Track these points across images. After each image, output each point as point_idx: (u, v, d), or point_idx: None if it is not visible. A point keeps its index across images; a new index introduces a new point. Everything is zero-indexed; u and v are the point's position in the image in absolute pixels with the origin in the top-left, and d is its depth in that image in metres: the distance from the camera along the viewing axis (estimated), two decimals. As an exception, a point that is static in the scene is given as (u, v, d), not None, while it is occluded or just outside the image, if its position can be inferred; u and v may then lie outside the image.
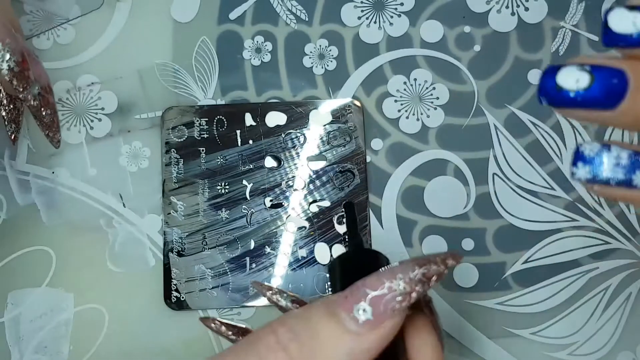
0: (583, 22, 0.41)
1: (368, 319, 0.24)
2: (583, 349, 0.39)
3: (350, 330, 0.24)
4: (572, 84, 0.21)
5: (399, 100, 0.41)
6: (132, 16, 0.42)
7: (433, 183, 0.40)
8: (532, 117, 0.40)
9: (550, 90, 0.22)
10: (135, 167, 0.40)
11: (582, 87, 0.21)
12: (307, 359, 0.24)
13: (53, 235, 0.40)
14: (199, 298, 0.39)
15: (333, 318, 0.25)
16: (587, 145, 0.22)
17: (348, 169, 0.40)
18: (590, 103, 0.21)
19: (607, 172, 0.22)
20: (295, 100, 0.41)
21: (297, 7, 0.42)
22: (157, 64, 0.41)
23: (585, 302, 0.39)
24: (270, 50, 0.41)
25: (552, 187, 0.40)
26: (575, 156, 0.22)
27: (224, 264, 0.39)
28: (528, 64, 0.41)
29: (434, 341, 0.27)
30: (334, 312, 0.25)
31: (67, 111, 0.41)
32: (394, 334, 0.25)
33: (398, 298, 0.24)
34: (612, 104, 0.21)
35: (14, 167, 0.40)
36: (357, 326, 0.24)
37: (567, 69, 0.22)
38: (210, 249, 0.39)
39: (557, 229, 0.40)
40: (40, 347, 0.38)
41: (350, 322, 0.24)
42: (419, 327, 0.27)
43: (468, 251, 0.40)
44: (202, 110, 0.40)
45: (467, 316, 0.39)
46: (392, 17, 0.41)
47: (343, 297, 0.25)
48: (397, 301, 0.24)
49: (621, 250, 0.39)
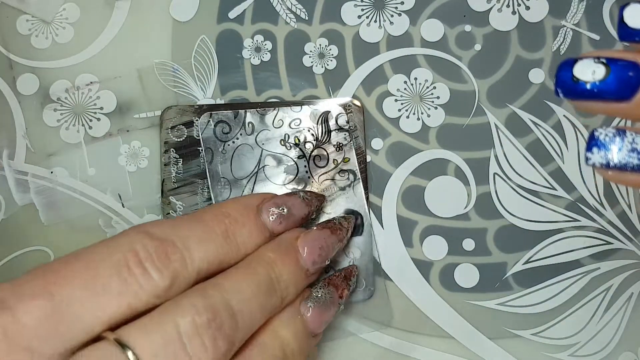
0: (584, 21, 0.41)
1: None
2: (584, 350, 0.39)
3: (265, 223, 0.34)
4: (588, 75, 0.22)
5: (400, 100, 0.41)
6: (131, 15, 0.42)
7: (433, 183, 0.40)
8: (533, 117, 0.40)
9: (567, 82, 0.22)
10: (134, 166, 0.40)
11: (598, 79, 0.22)
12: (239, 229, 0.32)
13: (52, 235, 0.40)
14: (198, 298, 0.38)
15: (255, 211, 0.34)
16: (602, 131, 0.22)
17: (348, 168, 0.40)
18: (606, 94, 0.22)
19: (623, 157, 0.22)
20: (295, 99, 0.41)
21: (297, 6, 0.42)
22: (156, 63, 0.41)
23: (587, 302, 0.39)
24: (270, 49, 0.41)
25: (553, 187, 0.40)
26: (589, 141, 0.23)
27: (223, 264, 0.39)
28: (529, 63, 0.41)
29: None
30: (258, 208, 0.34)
31: (66, 111, 0.41)
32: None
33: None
34: (628, 96, 0.22)
35: (12, 167, 0.40)
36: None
37: (584, 62, 0.22)
38: (209, 249, 0.39)
39: (558, 229, 0.39)
40: (39, 347, 0.38)
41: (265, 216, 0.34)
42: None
43: (469, 251, 0.39)
44: (201, 109, 0.40)
45: (468, 316, 0.39)
46: (393, 16, 0.41)
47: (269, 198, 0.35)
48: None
49: (623, 250, 0.39)
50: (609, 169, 0.22)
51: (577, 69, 0.22)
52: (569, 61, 0.23)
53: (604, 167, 0.22)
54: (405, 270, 0.39)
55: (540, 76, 0.41)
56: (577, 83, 0.22)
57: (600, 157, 0.22)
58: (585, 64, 0.22)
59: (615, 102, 0.22)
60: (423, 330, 0.39)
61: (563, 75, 0.22)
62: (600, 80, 0.22)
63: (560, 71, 0.23)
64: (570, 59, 0.23)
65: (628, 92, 0.22)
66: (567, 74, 0.22)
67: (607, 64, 0.22)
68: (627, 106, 0.22)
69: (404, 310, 0.39)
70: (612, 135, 0.22)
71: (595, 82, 0.22)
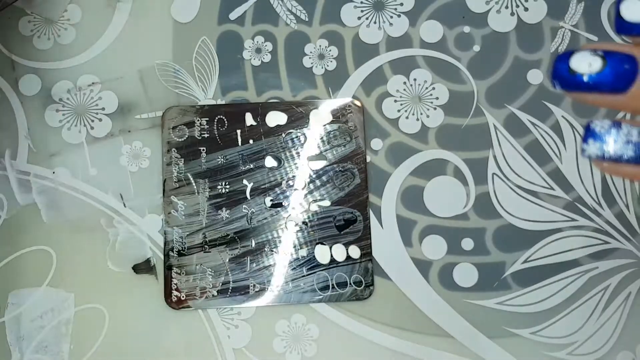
0: (582, 22, 0.41)
1: None
2: (582, 349, 0.39)
3: None
4: (584, 67, 0.22)
5: (399, 100, 0.41)
6: (133, 16, 0.42)
7: (433, 183, 0.40)
8: (532, 117, 0.41)
9: (564, 74, 0.23)
10: (136, 166, 0.41)
11: (595, 71, 0.22)
12: None
13: (53, 235, 0.40)
14: (199, 297, 0.39)
15: None
16: (597, 122, 0.23)
17: (348, 168, 0.40)
18: (602, 86, 0.22)
19: (618, 148, 0.22)
20: (296, 100, 0.41)
21: (297, 7, 0.42)
22: (158, 64, 0.41)
23: (585, 301, 0.39)
24: (271, 50, 0.42)
25: (551, 186, 0.40)
26: (585, 133, 0.23)
27: (224, 264, 0.39)
28: (527, 64, 0.41)
29: None
30: None
31: (68, 111, 0.41)
32: None
33: None
34: (623, 88, 0.22)
35: (15, 167, 0.40)
36: None
37: (580, 54, 0.22)
38: (210, 249, 0.39)
39: (556, 229, 0.40)
40: (41, 346, 0.39)
41: None
42: None
43: (468, 251, 0.40)
44: (202, 110, 0.40)
45: (467, 316, 0.39)
46: (392, 17, 0.42)
47: None
48: None
49: (620, 250, 0.40)
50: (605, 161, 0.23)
51: (574, 61, 0.22)
52: (566, 53, 0.23)
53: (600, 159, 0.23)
54: (404, 269, 0.40)
55: (538, 77, 0.41)
56: (574, 75, 0.22)
57: (596, 148, 0.23)
58: (582, 56, 0.22)
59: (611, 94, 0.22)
60: (422, 329, 0.39)
61: (560, 67, 0.23)
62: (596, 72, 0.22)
63: (557, 63, 0.23)
64: (568, 52, 0.23)
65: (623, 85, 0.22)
66: (564, 65, 0.23)
67: (603, 56, 0.22)
68: (623, 98, 0.22)
69: (403, 310, 0.39)
70: (608, 127, 0.22)
71: (591, 74, 0.22)
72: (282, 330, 0.39)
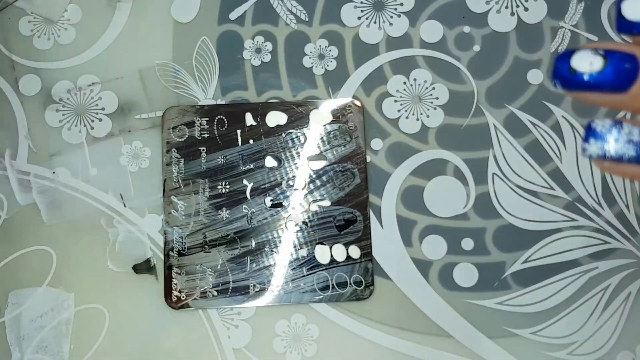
0: (582, 22, 0.41)
1: None
2: (582, 349, 0.39)
3: None
4: (585, 66, 0.22)
5: (399, 100, 0.41)
6: (133, 16, 0.42)
7: (433, 183, 0.40)
8: (532, 117, 0.41)
9: (564, 73, 0.23)
10: (136, 166, 0.41)
11: (596, 70, 0.22)
12: None
13: (54, 235, 0.40)
14: (199, 297, 0.39)
15: None
16: (599, 122, 0.23)
17: (348, 168, 0.40)
18: (602, 86, 0.22)
19: (619, 148, 0.22)
20: (296, 100, 0.41)
21: (297, 7, 0.42)
22: (158, 64, 0.41)
23: (585, 301, 0.39)
24: (271, 50, 0.42)
25: (551, 186, 0.40)
26: (586, 132, 0.23)
27: (224, 264, 0.39)
28: (527, 64, 0.41)
29: None
30: None
31: (68, 111, 0.41)
32: None
33: None
34: (624, 87, 0.22)
35: (15, 167, 0.40)
36: None
37: (581, 53, 0.22)
38: (210, 249, 0.39)
39: (556, 229, 0.40)
40: (41, 346, 0.39)
41: None
42: None
43: (468, 251, 0.40)
44: (202, 110, 0.40)
45: (467, 316, 0.39)
46: (392, 17, 0.42)
47: None
48: None
49: (620, 250, 0.40)
50: (606, 160, 0.23)
51: (575, 60, 0.22)
52: (567, 53, 0.23)
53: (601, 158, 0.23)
54: (404, 269, 0.40)
55: (538, 77, 0.41)
56: (575, 74, 0.22)
57: (597, 148, 0.22)
58: (583, 55, 0.22)
59: (612, 94, 0.22)
60: (422, 329, 0.39)
61: (561, 66, 0.23)
62: (597, 72, 0.22)
63: (558, 62, 0.23)
64: (568, 51, 0.23)
65: (624, 84, 0.22)
66: (565, 64, 0.22)
67: (604, 55, 0.22)
68: (623, 97, 0.22)
69: (403, 310, 0.39)
70: (609, 127, 0.22)
71: (592, 73, 0.22)
72: (282, 330, 0.39)
